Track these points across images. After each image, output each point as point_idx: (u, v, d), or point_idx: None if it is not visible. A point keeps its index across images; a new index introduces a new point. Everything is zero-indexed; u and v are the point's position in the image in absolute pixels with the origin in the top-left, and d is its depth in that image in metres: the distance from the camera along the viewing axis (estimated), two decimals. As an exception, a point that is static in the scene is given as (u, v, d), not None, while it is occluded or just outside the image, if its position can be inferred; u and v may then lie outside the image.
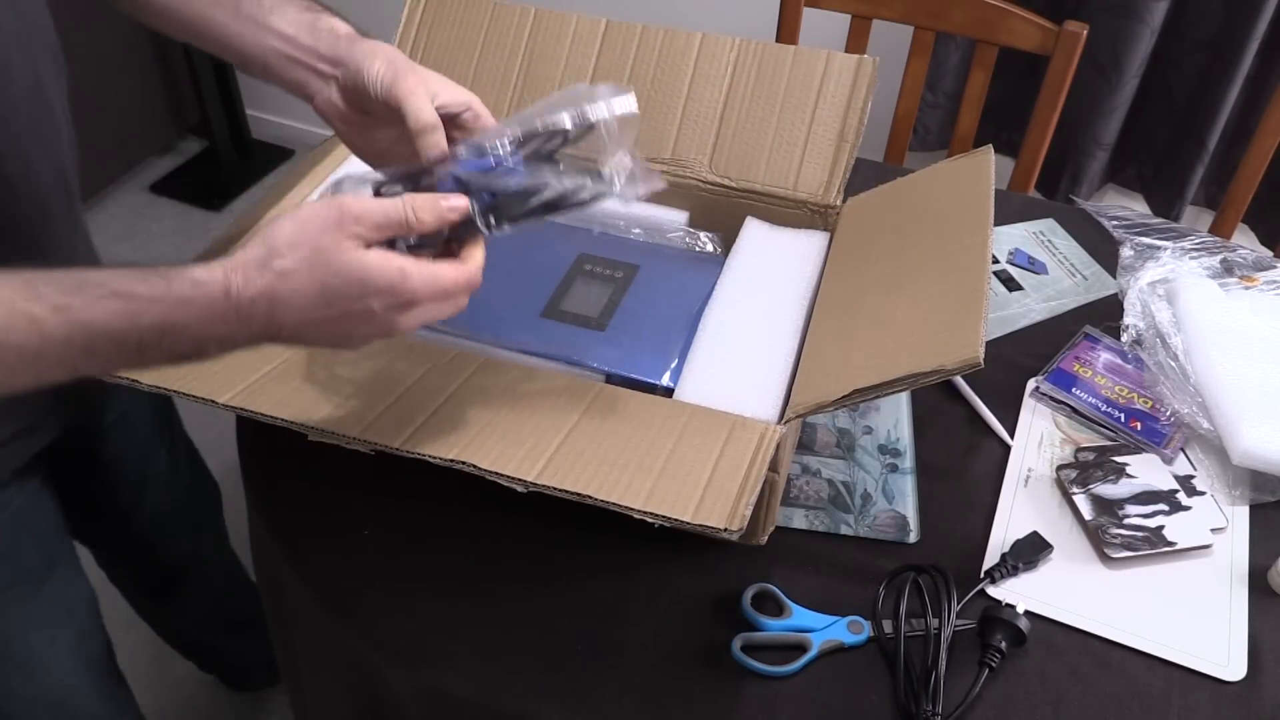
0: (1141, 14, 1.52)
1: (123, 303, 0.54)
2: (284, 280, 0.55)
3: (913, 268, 0.77)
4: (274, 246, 0.56)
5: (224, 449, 0.91)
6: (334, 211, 0.56)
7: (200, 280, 0.55)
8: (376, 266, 0.56)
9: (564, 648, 0.72)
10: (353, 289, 0.56)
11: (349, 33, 0.70)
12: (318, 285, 0.55)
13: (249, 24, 0.70)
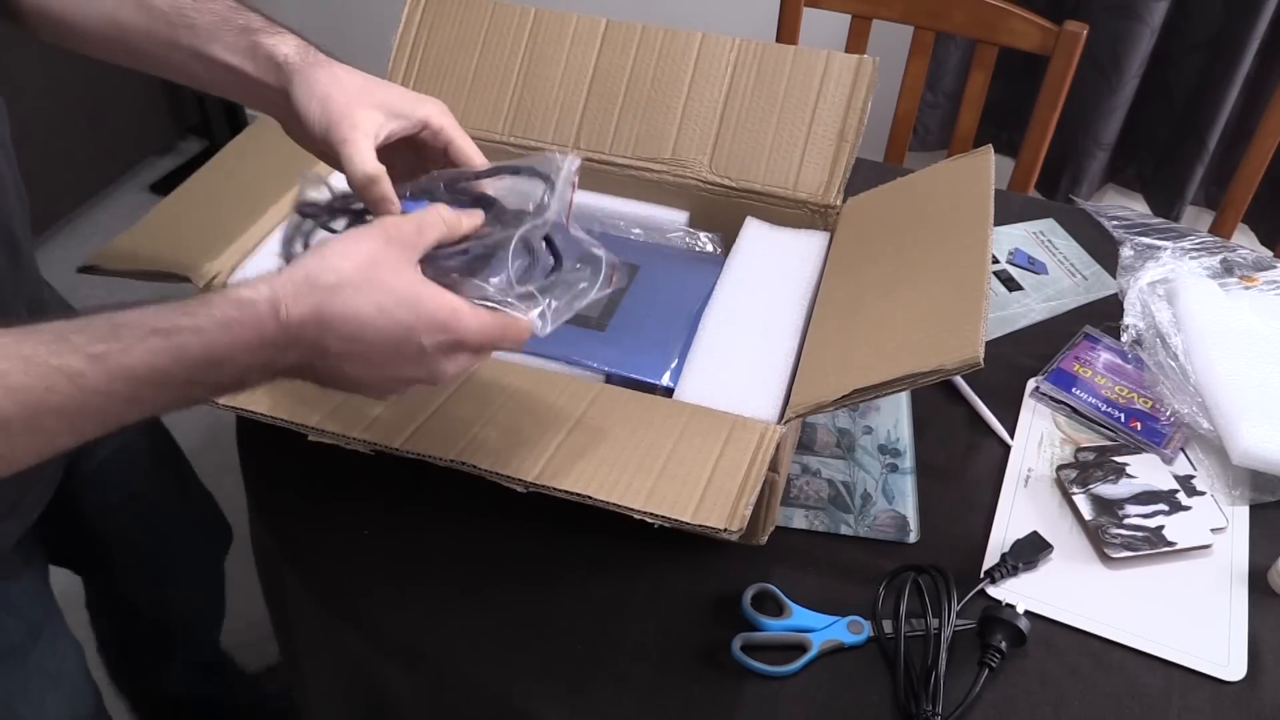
0: (1141, 14, 1.52)
1: (164, 339, 0.49)
2: (335, 297, 0.52)
3: (913, 268, 0.77)
4: (325, 261, 0.53)
5: (224, 449, 0.91)
6: (381, 233, 0.54)
7: (245, 300, 0.51)
8: (430, 298, 0.54)
9: (564, 648, 0.72)
10: (406, 315, 0.53)
11: (288, 58, 0.64)
12: (372, 306, 0.52)
13: (191, 57, 0.66)
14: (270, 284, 0.52)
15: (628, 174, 0.93)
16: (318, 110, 0.61)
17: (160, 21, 0.65)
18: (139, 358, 0.49)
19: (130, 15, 0.65)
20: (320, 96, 0.62)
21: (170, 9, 0.65)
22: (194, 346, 0.50)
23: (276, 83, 0.64)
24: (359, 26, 2.17)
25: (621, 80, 0.93)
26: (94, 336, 0.48)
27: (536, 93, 0.95)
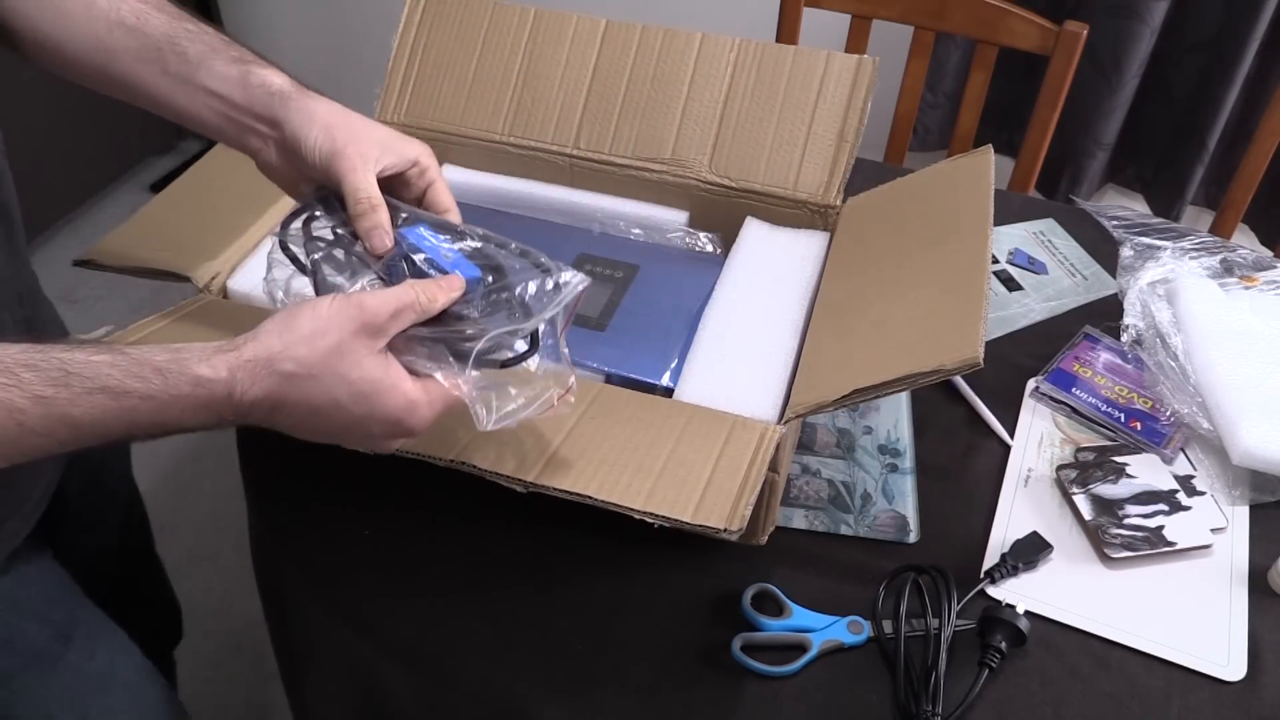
0: (1141, 14, 1.52)
1: (113, 399, 0.50)
2: (291, 385, 0.53)
3: (913, 267, 0.77)
4: (287, 346, 0.53)
5: (224, 449, 0.91)
6: (355, 313, 0.54)
7: (203, 380, 0.52)
8: (388, 391, 0.55)
9: (564, 648, 0.72)
10: (359, 408, 0.54)
11: (282, 88, 0.65)
12: (327, 399, 0.54)
13: (178, 83, 0.66)
14: (229, 364, 0.52)
15: (628, 174, 0.93)
16: (320, 137, 0.62)
17: (150, 47, 0.65)
18: (84, 410, 0.49)
19: (121, 39, 0.66)
20: (323, 124, 0.63)
21: (162, 36, 0.66)
22: (142, 411, 0.51)
23: (266, 111, 0.64)
24: (359, 26, 2.17)
25: (621, 80, 0.93)
26: (43, 378, 0.49)
27: (536, 93, 0.95)
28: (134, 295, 2.02)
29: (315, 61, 2.29)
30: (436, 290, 0.58)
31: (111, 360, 0.51)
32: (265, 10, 2.26)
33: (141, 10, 0.66)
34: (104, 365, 0.50)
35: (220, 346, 0.53)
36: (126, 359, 0.51)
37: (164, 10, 0.67)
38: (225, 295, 0.84)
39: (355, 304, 0.54)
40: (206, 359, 0.52)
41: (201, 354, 0.52)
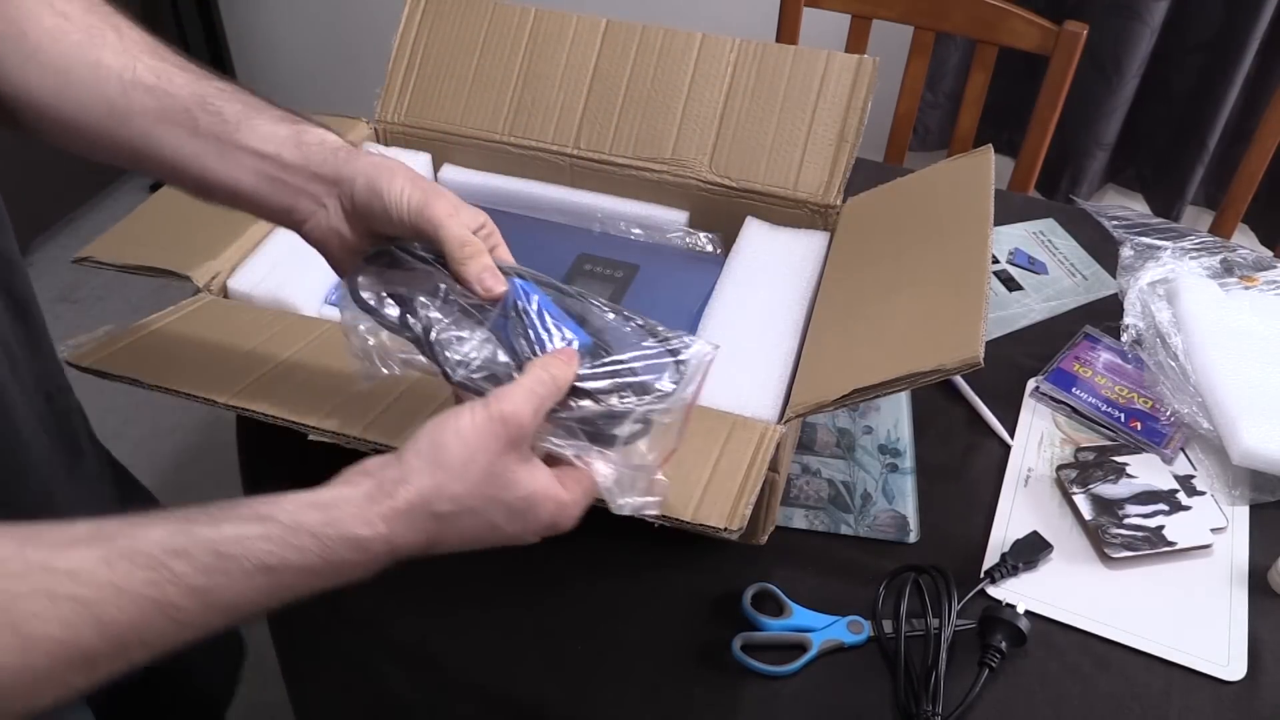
0: (1141, 14, 1.52)
1: (271, 577, 0.45)
2: (449, 524, 0.50)
3: (913, 268, 0.77)
4: (440, 485, 0.49)
5: (224, 449, 0.91)
6: (501, 430, 0.50)
7: (362, 542, 0.48)
8: (541, 502, 0.52)
9: (564, 647, 0.72)
10: (514, 526, 0.52)
11: (341, 144, 0.60)
12: (484, 526, 0.51)
13: (211, 145, 0.58)
14: (386, 519, 0.48)
15: (628, 174, 0.93)
16: (407, 187, 0.57)
17: (176, 107, 0.59)
18: (242, 594, 0.45)
19: (139, 100, 0.59)
20: (405, 174, 0.57)
21: (190, 95, 0.59)
22: (301, 584, 0.47)
23: (327, 168, 0.58)
24: (359, 26, 2.17)
25: (621, 80, 0.93)
26: (196, 566, 0.43)
27: (536, 93, 0.95)
28: (134, 295, 2.02)
29: (315, 61, 2.29)
30: (560, 367, 0.53)
31: (264, 532, 0.45)
32: (265, 10, 2.26)
33: (161, 68, 0.59)
34: (258, 540, 0.45)
35: (371, 495, 0.48)
36: (280, 528, 0.46)
37: (187, 69, 0.60)
38: (225, 295, 0.84)
39: (499, 419, 0.50)
40: (362, 515, 0.48)
41: (356, 509, 0.48)
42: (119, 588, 0.41)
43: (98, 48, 0.58)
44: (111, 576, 0.41)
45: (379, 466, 0.50)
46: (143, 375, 0.70)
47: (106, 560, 0.41)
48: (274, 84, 2.34)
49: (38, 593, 0.40)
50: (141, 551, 0.42)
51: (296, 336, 0.76)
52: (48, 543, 0.41)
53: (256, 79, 2.33)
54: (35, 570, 0.40)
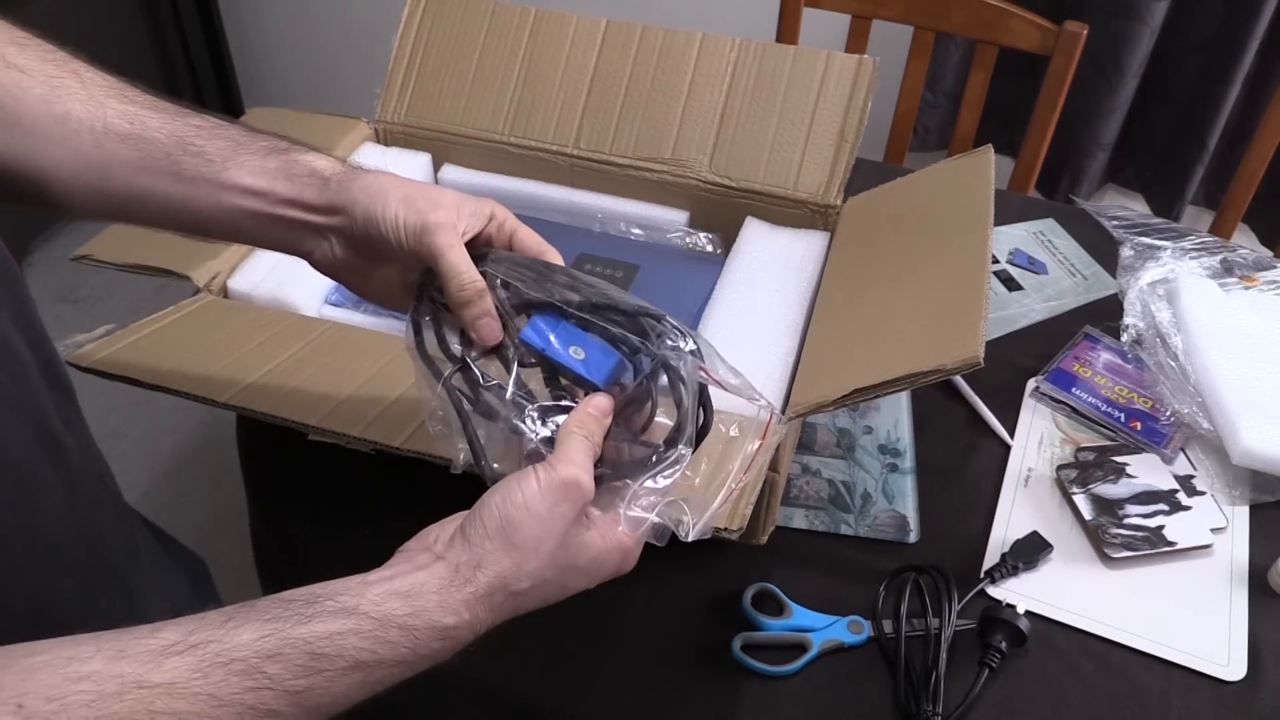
0: (1141, 14, 1.52)
1: (366, 674, 0.45)
2: (528, 598, 0.51)
3: (913, 268, 0.77)
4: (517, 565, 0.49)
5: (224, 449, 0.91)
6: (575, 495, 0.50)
7: (449, 630, 0.47)
8: (606, 558, 0.52)
9: (564, 647, 0.72)
10: (583, 581, 0.53)
11: (334, 169, 0.57)
12: (559, 590, 0.52)
13: (200, 186, 0.56)
14: (469, 605, 0.48)
15: (628, 174, 0.93)
16: (402, 211, 0.55)
17: (156, 153, 0.56)
18: (338, 692, 0.44)
19: (115, 150, 0.55)
20: (399, 197, 0.55)
21: (168, 138, 0.56)
22: (393, 677, 0.47)
23: (322, 199, 0.56)
24: (359, 26, 2.17)
25: (621, 80, 0.93)
26: (292, 669, 0.42)
27: (536, 93, 0.95)
28: (134, 295, 2.02)
29: (315, 61, 2.29)
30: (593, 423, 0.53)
31: (355, 627, 0.44)
32: (265, 10, 2.26)
33: (133, 113, 0.56)
34: (350, 637, 0.44)
35: (450, 582, 0.48)
36: (371, 623, 0.45)
37: (159, 110, 0.57)
38: (225, 295, 0.84)
39: (565, 484, 0.49)
40: (445, 604, 0.47)
41: (439, 598, 0.47)
42: (217, 699, 0.40)
43: (63, 99, 0.54)
44: (208, 687, 0.40)
45: (447, 547, 0.50)
46: (143, 375, 0.70)
47: (200, 670, 0.40)
48: (274, 84, 2.34)
49: (138, 713, 0.38)
50: (235, 658, 0.41)
51: (296, 336, 0.76)
52: (138, 655, 0.39)
53: (256, 79, 2.32)
54: (131, 688, 0.38)
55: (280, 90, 2.32)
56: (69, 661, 0.38)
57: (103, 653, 0.39)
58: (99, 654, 0.39)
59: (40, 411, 0.55)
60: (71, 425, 0.58)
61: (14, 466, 0.51)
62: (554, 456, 0.51)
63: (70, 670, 0.38)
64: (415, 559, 0.49)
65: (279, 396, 0.70)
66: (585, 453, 0.51)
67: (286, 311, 0.81)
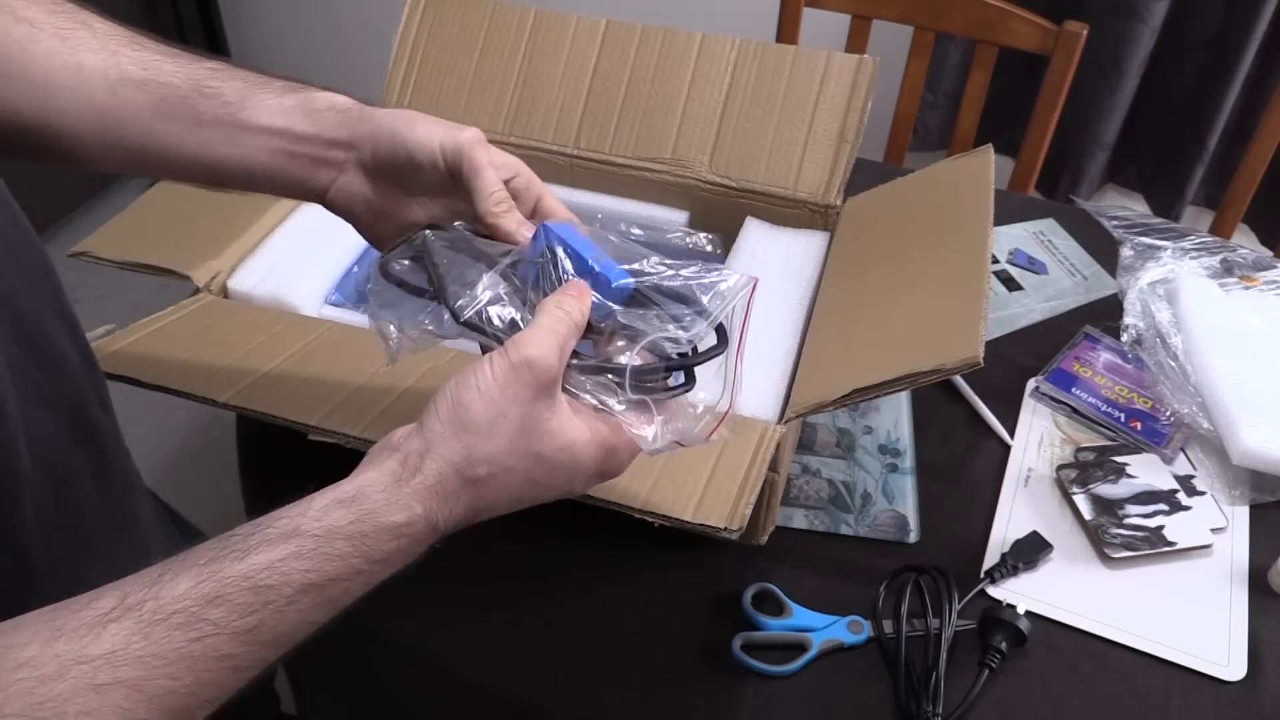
0: (1141, 14, 1.52)
1: (317, 595, 0.43)
2: (489, 488, 0.47)
3: (913, 268, 0.77)
4: (469, 448, 0.46)
5: (224, 449, 0.91)
6: (528, 377, 0.46)
7: (401, 528, 0.45)
8: (583, 449, 0.48)
9: (564, 648, 0.72)
10: (560, 478, 0.49)
11: (353, 104, 0.56)
12: (526, 484, 0.48)
13: (219, 130, 0.55)
14: (419, 497, 0.45)
15: (628, 174, 0.93)
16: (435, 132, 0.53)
17: (173, 96, 0.55)
18: (292, 621, 0.42)
19: (130, 97, 0.54)
20: (428, 121, 0.54)
21: (185, 83, 0.55)
22: (354, 590, 0.44)
23: (343, 132, 0.55)
24: (359, 26, 2.17)
25: (621, 80, 0.93)
26: (236, 609, 0.40)
27: (536, 93, 0.95)
28: (134, 295, 2.01)
29: (315, 61, 2.29)
30: (572, 302, 0.50)
31: (295, 550, 0.42)
32: (265, 10, 2.26)
33: (146, 59, 0.55)
34: (292, 561, 0.42)
35: (396, 475, 0.45)
36: (311, 541, 0.42)
37: (173, 55, 0.56)
38: (225, 295, 0.84)
39: (523, 364, 0.46)
40: (392, 500, 0.44)
41: (385, 495, 0.45)
42: (162, 657, 0.38)
43: (74, 50, 0.54)
44: (150, 648, 0.38)
45: (404, 437, 0.47)
46: (143, 375, 0.70)
47: (140, 631, 0.38)
48: (274, 84, 2.34)
49: (81, 690, 0.37)
50: (175, 611, 0.39)
51: (296, 336, 0.76)
52: (74, 630, 0.38)
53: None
54: (70, 665, 0.37)
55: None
56: (6, 650, 0.37)
57: (40, 635, 0.37)
58: (36, 637, 0.37)
59: (78, 401, 0.55)
60: (109, 413, 0.58)
61: (49, 461, 0.51)
62: (516, 336, 0.48)
63: (8, 660, 0.36)
64: (374, 458, 0.47)
65: (279, 396, 0.70)
66: (550, 332, 0.47)
67: (286, 311, 0.82)
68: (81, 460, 0.55)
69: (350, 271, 0.86)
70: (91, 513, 0.55)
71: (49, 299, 0.54)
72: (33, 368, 0.50)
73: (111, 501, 0.57)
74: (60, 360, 0.54)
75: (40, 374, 0.51)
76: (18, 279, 0.50)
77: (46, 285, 0.54)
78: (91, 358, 0.58)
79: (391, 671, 0.74)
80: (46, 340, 0.52)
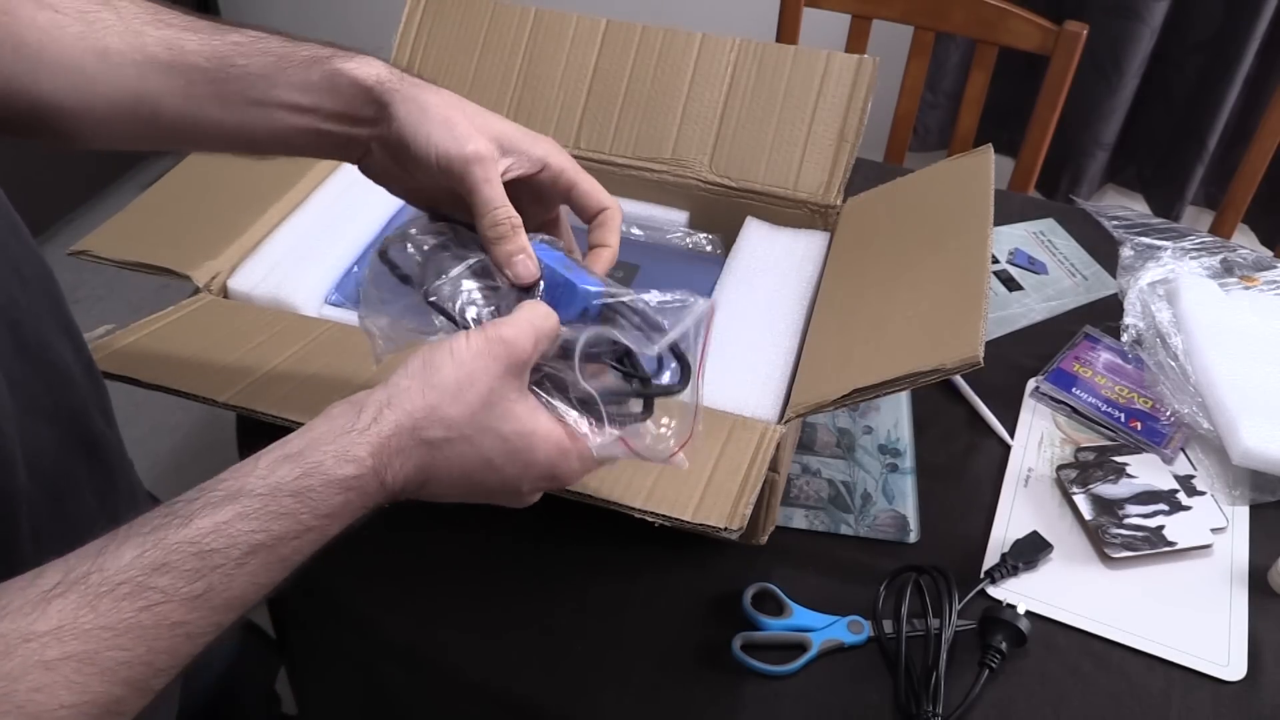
0: (1141, 14, 1.52)
1: (266, 555, 0.41)
2: (442, 452, 0.47)
3: (913, 267, 0.77)
4: (432, 406, 0.45)
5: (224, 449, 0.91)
6: (501, 351, 0.47)
7: (349, 481, 0.44)
8: (540, 441, 0.48)
9: (564, 647, 0.72)
10: (513, 466, 0.49)
11: (380, 79, 0.54)
12: (479, 460, 0.48)
13: (247, 108, 0.55)
14: (372, 449, 0.44)
15: (628, 174, 0.93)
16: (438, 138, 0.52)
17: (200, 79, 0.54)
18: (242, 584, 0.41)
19: (159, 82, 0.54)
20: (439, 119, 0.53)
21: (210, 62, 0.54)
22: (305, 548, 0.43)
23: (367, 111, 0.54)
24: (359, 26, 2.17)
25: (621, 80, 0.93)
26: (183, 575, 0.39)
27: (536, 93, 0.95)
28: (134, 295, 2.02)
29: (315, 61, 2.29)
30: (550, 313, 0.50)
31: (241, 511, 0.41)
32: (265, 10, 2.26)
33: (172, 39, 0.54)
34: (237, 523, 0.41)
35: (350, 425, 0.44)
36: (256, 500, 0.41)
37: (198, 29, 0.55)
38: (225, 295, 0.84)
39: (498, 339, 0.47)
40: (343, 452, 0.44)
41: (334, 447, 0.44)
42: (111, 629, 0.37)
43: (99, 34, 0.53)
44: (98, 620, 0.37)
45: (365, 394, 0.46)
46: (142, 375, 0.70)
47: (86, 603, 0.37)
48: (274, 84, 2.34)
49: (30, 667, 0.36)
50: (120, 581, 0.38)
51: (296, 336, 0.76)
52: (19, 608, 0.37)
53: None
54: (17, 644, 0.36)
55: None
56: None
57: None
58: None
59: (79, 412, 0.54)
60: (112, 423, 0.58)
61: (47, 475, 0.50)
62: (497, 320, 0.48)
63: None
64: (329, 410, 0.46)
65: (279, 396, 0.70)
66: (528, 322, 0.48)
67: (286, 311, 0.81)
68: (82, 472, 0.55)
69: (350, 271, 0.86)
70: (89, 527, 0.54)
71: (50, 310, 0.54)
72: (33, 380, 0.50)
73: (110, 515, 0.57)
74: (62, 372, 0.53)
75: (41, 386, 0.51)
76: (19, 291, 0.50)
77: (48, 297, 0.54)
78: (94, 368, 0.58)
79: (391, 671, 0.74)
80: (48, 352, 0.52)
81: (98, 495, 0.56)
